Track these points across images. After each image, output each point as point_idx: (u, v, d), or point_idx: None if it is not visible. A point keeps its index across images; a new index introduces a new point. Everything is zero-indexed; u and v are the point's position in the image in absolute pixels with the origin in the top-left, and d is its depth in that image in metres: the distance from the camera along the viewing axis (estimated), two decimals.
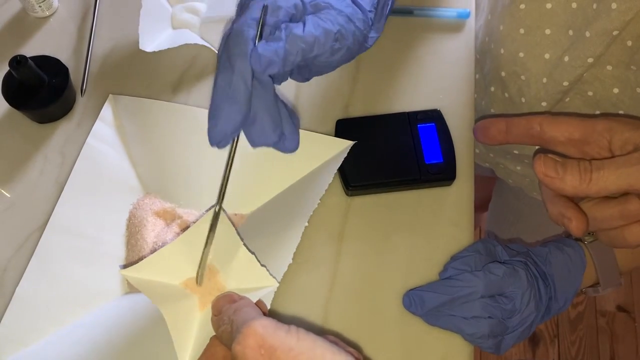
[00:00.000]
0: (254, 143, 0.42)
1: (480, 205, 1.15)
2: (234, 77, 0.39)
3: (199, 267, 0.45)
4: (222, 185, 0.43)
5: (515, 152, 0.73)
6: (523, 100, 0.65)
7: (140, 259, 0.51)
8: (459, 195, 0.56)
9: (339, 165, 0.52)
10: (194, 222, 0.46)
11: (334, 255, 0.53)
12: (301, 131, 0.54)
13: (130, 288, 0.51)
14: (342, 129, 0.57)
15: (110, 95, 0.59)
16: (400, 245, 0.53)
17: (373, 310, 0.51)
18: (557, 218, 0.41)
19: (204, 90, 0.61)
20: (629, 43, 0.53)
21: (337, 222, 0.55)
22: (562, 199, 0.40)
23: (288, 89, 0.61)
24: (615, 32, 0.51)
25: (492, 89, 0.69)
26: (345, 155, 0.52)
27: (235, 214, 0.54)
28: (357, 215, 0.55)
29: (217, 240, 0.44)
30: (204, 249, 0.44)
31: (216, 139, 0.41)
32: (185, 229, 0.52)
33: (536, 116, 0.42)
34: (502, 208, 0.94)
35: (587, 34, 0.53)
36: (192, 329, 0.43)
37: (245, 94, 0.40)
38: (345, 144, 0.53)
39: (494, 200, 0.97)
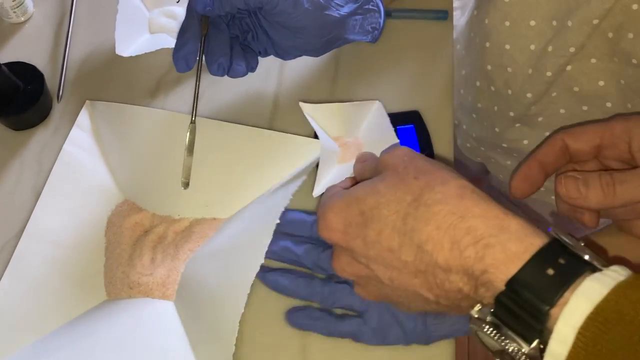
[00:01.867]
0: (208, 67, 0.51)
1: None
2: (185, 16, 0.51)
3: (183, 171, 0.52)
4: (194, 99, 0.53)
5: (504, 145, 0.73)
6: (510, 92, 0.65)
7: (120, 265, 0.51)
8: None
9: (314, 164, 0.52)
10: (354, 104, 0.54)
11: None
12: (277, 133, 0.55)
13: (109, 295, 0.51)
14: None
15: (87, 101, 0.58)
16: None
17: None
18: (568, 212, 0.41)
19: (182, 94, 0.61)
20: (610, 35, 0.54)
21: None
22: None
23: (267, 91, 0.61)
24: (595, 21, 0.52)
25: (478, 83, 0.70)
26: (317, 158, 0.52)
27: (214, 219, 0.53)
28: None
29: (370, 119, 0.54)
30: (185, 155, 0.52)
31: (176, 63, 0.51)
32: (162, 236, 0.52)
33: (554, 135, 0.42)
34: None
35: (569, 23, 0.54)
36: (331, 171, 0.53)
37: (191, 27, 0.50)
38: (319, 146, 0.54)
39: None
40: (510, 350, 0.32)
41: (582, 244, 0.33)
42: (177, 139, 0.54)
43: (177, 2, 0.65)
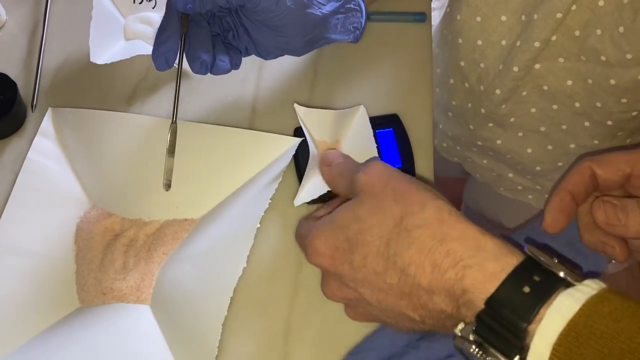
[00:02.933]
0: (191, 65, 0.51)
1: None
2: (164, 14, 0.50)
3: (164, 172, 0.51)
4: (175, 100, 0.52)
5: (479, 143, 0.73)
6: (482, 88, 0.65)
7: (91, 271, 0.50)
8: None
9: (287, 163, 0.52)
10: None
11: (295, 265, 0.52)
12: (248, 131, 0.55)
13: (82, 302, 0.50)
14: (301, 136, 0.56)
15: (49, 108, 0.58)
16: None
17: (339, 321, 0.50)
18: (595, 245, 0.41)
19: (159, 101, 0.60)
20: (577, 33, 0.54)
21: None
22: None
23: (245, 96, 0.60)
24: (559, 15, 0.52)
25: (452, 80, 0.70)
26: (294, 152, 0.53)
27: (186, 219, 0.53)
28: None
29: (354, 128, 0.54)
30: (166, 156, 0.51)
31: (156, 61, 0.50)
32: (133, 239, 0.51)
33: (581, 163, 0.41)
34: (472, 208, 0.95)
35: (535, 16, 0.54)
36: (313, 177, 0.51)
37: (171, 24, 0.49)
38: (293, 141, 0.54)
39: (465, 200, 0.98)
40: None
41: (556, 261, 0.34)
42: (144, 141, 0.54)
43: (153, 7, 0.65)
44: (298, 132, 0.56)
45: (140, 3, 0.64)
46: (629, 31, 0.50)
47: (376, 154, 0.53)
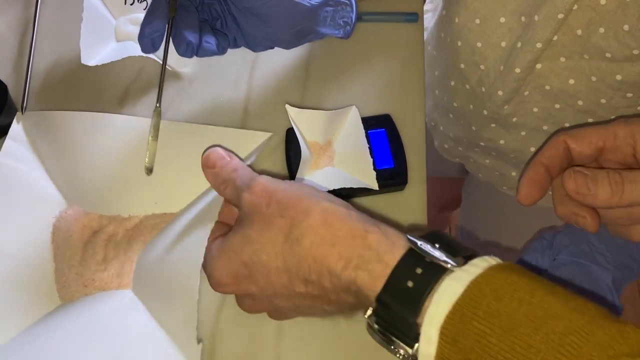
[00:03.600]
0: (177, 47, 0.51)
1: (449, 204, 1.16)
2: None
3: (147, 157, 0.51)
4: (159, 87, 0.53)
5: (482, 143, 0.73)
6: (483, 89, 0.65)
7: (72, 267, 0.51)
8: (411, 199, 0.55)
9: (255, 156, 0.53)
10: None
11: None
12: (219, 128, 0.56)
13: (63, 299, 0.50)
14: (293, 137, 0.56)
15: (17, 112, 0.58)
16: None
17: (331, 321, 0.50)
18: (568, 217, 0.42)
19: (151, 102, 0.60)
20: (579, 32, 0.54)
21: None
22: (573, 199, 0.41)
23: (237, 97, 0.60)
24: (560, 15, 0.52)
25: (453, 83, 0.70)
26: (263, 147, 0.54)
27: (165, 214, 0.53)
28: None
29: (346, 128, 0.54)
30: (149, 140, 0.51)
31: (141, 43, 0.50)
32: (112, 235, 0.52)
33: (556, 137, 0.42)
34: (473, 207, 0.95)
35: (536, 18, 0.54)
36: (305, 178, 0.53)
37: (158, 8, 0.50)
38: (265, 137, 0.55)
39: (465, 198, 0.98)
40: (398, 356, 0.35)
41: (437, 246, 0.35)
42: (119, 139, 0.54)
43: (145, 9, 0.64)
44: (290, 133, 0.56)
45: (131, 4, 0.64)
46: (635, 29, 0.50)
47: (368, 155, 0.53)
